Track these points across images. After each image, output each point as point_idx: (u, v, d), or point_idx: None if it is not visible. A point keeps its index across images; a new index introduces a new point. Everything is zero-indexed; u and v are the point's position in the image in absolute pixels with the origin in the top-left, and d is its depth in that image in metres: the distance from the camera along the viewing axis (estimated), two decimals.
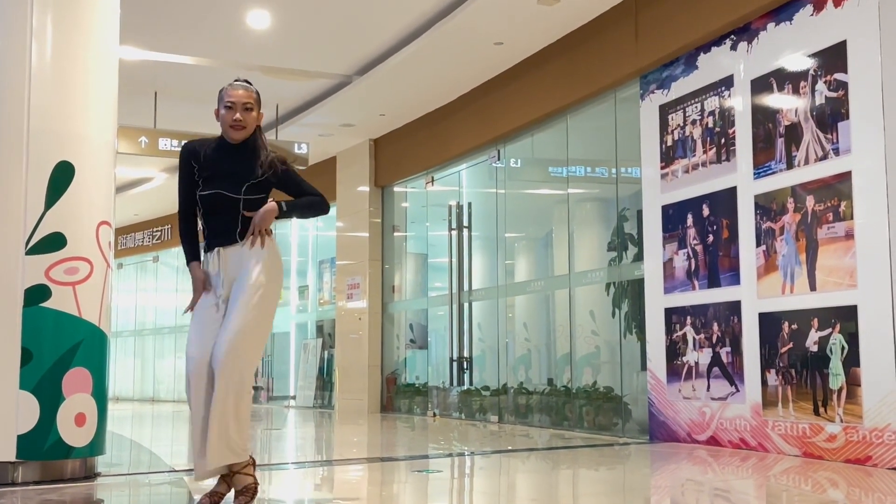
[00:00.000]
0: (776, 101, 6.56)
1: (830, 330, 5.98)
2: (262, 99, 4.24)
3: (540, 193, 11.22)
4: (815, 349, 6.10)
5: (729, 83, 7.02)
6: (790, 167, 6.38)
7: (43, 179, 4.91)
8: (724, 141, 7.03)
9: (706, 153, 7.20)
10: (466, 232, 11.30)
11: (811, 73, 6.25)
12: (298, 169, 4.46)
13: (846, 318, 5.86)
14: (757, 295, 6.61)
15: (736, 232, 6.84)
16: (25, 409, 4.76)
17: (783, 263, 6.40)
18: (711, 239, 7.10)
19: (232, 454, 3.98)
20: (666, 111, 7.67)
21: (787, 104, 6.45)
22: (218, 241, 4.15)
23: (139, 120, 10.94)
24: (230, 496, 4.12)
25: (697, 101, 7.32)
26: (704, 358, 7.11)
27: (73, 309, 4.91)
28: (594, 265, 9.30)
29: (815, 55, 6.23)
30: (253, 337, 4.01)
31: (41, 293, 4.84)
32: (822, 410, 6.02)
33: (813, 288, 6.14)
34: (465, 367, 11.06)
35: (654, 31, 7.77)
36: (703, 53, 7.31)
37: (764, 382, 6.52)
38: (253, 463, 4.16)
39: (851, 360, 5.81)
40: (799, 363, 6.23)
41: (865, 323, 5.72)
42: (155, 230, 19.33)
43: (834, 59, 6.05)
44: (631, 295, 8.52)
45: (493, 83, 10.21)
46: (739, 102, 6.89)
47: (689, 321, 7.29)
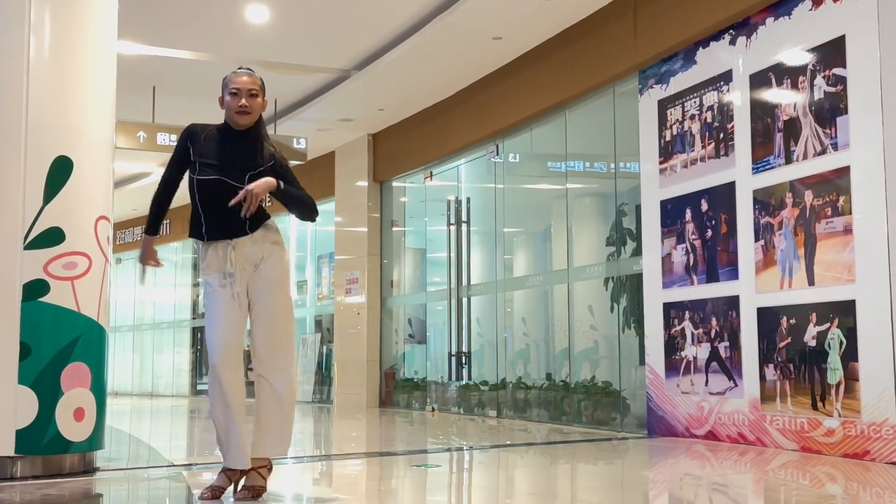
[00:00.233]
0: (775, 95, 6.55)
1: (829, 324, 5.98)
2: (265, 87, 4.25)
3: (539, 188, 11.22)
4: (813, 344, 6.10)
5: (728, 78, 7.02)
6: (789, 162, 6.38)
7: (41, 174, 4.90)
8: (722, 136, 7.03)
9: (705, 148, 7.20)
10: (465, 227, 11.29)
11: (810, 67, 6.24)
12: (297, 164, 4.46)
13: (844, 312, 5.86)
14: (755, 290, 6.62)
15: (734, 227, 6.84)
16: (24, 403, 4.76)
17: (782, 258, 6.40)
18: (710, 234, 7.10)
19: (284, 449, 4.19)
20: (664, 106, 7.66)
21: (785, 99, 6.45)
22: (225, 233, 4.11)
23: (137, 115, 10.93)
24: (229, 491, 4.13)
25: (696, 95, 7.32)
26: (703, 353, 7.12)
27: (71, 304, 4.91)
28: (593, 260, 9.30)
29: (813, 50, 6.23)
30: (280, 339, 4.20)
31: (40, 288, 4.84)
32: (820, 405, 6.02)
33: (811, 283, 6.14)
34: (463, 361, 11.06)
35: (652, 25, 7.76)
36: (701, 48, 7.30)
37: (762, 377, 6.52)
38: (269, 467, 4.18)
39: (850, 354, 5.81)
40: (797, 358, 6.23)
41: (864, 318, 5.72)
42: None
43: (833, 53, 6.05)
44: (629, 290, 8.53)
45: (491, 78, 10.21)
46: (738, 97, 6.89)
47: (687, 316, 7.30)
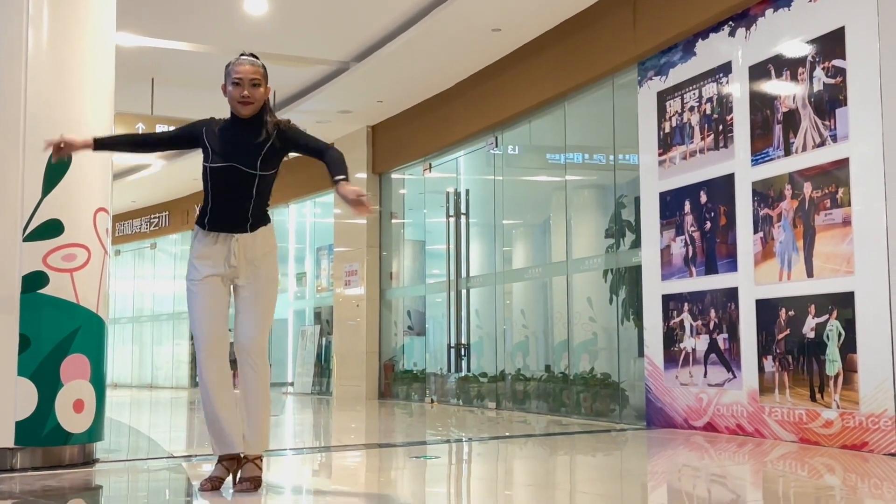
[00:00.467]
0: (774, 87, 6.55)
1: (827, 316, 5.99)
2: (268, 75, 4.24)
3: (538, 180, 11.21)
4: (811, 335, 6.11)
5: (727, 70, 7.01)
6: (788, 154, 6.37)
7: (40, 166, 4.89)
8: (721, 128, 7.02)
9: (704, 140, 7.19)
10: (464, 219, 11.29)
11: (809, 59, 6.24)
12: (295, 157, 4.46)
13: (843, 304, 5.87)
14: (754, 281, 6.62)
15: (733, 219, 6.84)
16: (24, 395, 4.77)
17: (780, 250, 6.40)
18: (709, 226, 7.10)
19: (266, 443, 4.21)
20: (664, 98, 7.66)
21: (785, 91, 6.44)
22: (226, 227, 4.15)
23: (136, 106, 10.90)
24: (228, 480, 4.14)
25: (695, 87, 7.31)
26: (701, 344, 7.12)
27: (70, 296, 4.91)
28: (592, 252, 9.30)
29: (813, 41, 6.22)
30: (267, 333, 4.26)
31: (39, 280, 4.84)
32: (818, 396, 6.03)
33: (810, 274, 6.15)
34: (462, 353, 11.07)
35: (652, 17, 7.74)
36: (701, 40, 7.29)
37: (761, 369, 6.53)
38: (261, 457, 4.22)
39: (848, 346, 5.82)
40: (796, 349, 6.24)
41: (862, 309, 5.73)
42: (152, 217, 19.31)
43: (832, 45, 6.04)
44: (628, 282, 8.53)
45: (490, 70, 10.19)
46: (737, 89, 6.89)
47: (686, 308, 7.30)
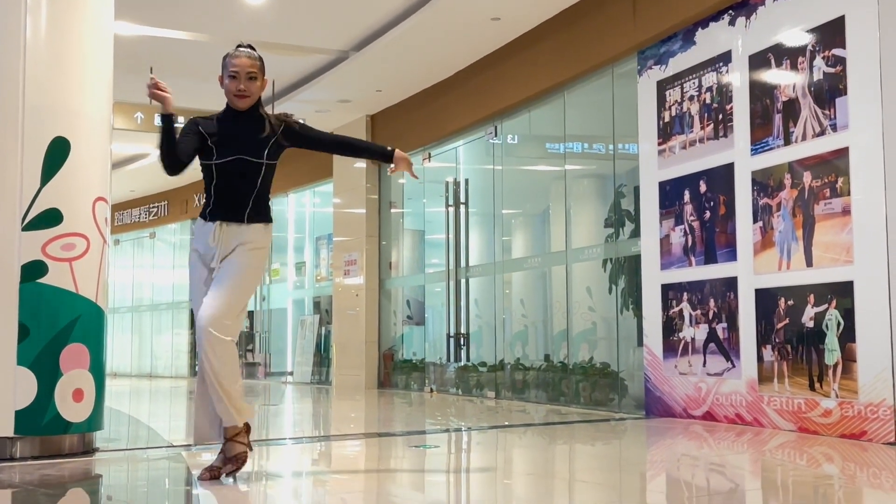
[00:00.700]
0: (774, 76, 6.54)
1: (826, 306, 5.99)
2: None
3: (537, 170, 11.20)
4: (811, 325, 6.11)
5: (727, 59, 6.99)
6: (788, 143, 6.37)
7: (38, 155, 4.89)
8: (721, 117, 7.01)
9: (703, 129, 7.18)
10: (463, 208, 11.28)
11: (809, 48, 6.22)
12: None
13: (842, 293, 5.87)
14: (753, 271, 6.62)
15: (733, 208, 6.84)
16: (23, 384, 4.77)
17: (780, 239, 6.40)
18: (708, 215, 7.10)
19: (234, 415, 4.06)
20: (663, 87, 7.64)
21: (784, 80, 6.43)
22: (224, 215, 4.12)
23: (135, 96, 10.81)
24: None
25: (695, 76, 7.30)
26: (701, 334, 7.13)
27: (69, 285, 4.91)
28: (591, 241, 9.30)
29: (813, 30, 6.20)
30: (235, 310, 4.07)
31: (38, 269, 4.83)
32: (817, 386, 6.04)
33: (809, 264, 6.15)
34: (462, 343, 11.08)
35: (651, 6, 7.72)
36: (701, 29, 7.28)
37: (760, 358, 6.54)
38: (247, 430, 4.16)
39: (847, 335, 5.82)
40: (795, 339, 6.25)
41: (861, 299, 5.73)
42: (151, 206, 19.30)
43: (832, 34, 6.03)
44: (628, 271, 8.53)
45: (490, 59, 10.17)
46: (737, 78, 6.87)
47: (685, 297, 7.31)
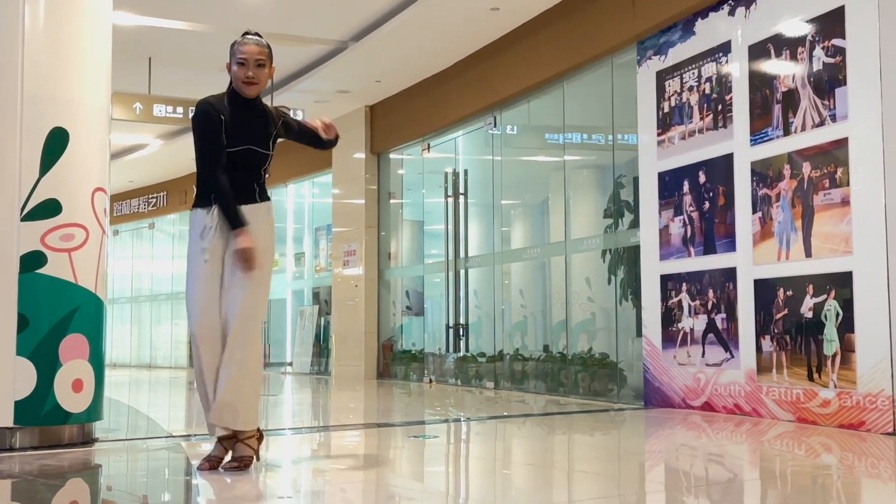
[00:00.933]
0: (774, 67, 6.53)
1: (825, 296, 6.00)
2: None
3: (536, 160, 11.20)
4: (809, 315, 6.12)
5: (726, 49, 6.98)
6: (787, 134, 6.36)
7: (37, 146, 4.88)
8: (720, 107, 7.00)
9: (703, 120, 7.18)
10: (462, 199, 11.28)
11: (809, 38, 6.21)
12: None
13: (841, 284, 5.87)
14: (752, 261, 6.62)
15: (732, 199, 6.83)
16: (22, 375, 4.77)
17: (779, 230, 6.40)
18: (707, 206, 7.10)
19: (247, 420, 4.04)
20: (663, 77, 7.63)
21: (784, 70, 6.42)
22: (240, 201, 4.09)
23: (133, 86, 10.87)
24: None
25: (695, 67, 7.29)
26: (699, 324, 7.13)
27: (68, 275, 4.91)
28: (590, 232, 9.30)
29: (813, 21, 6.19)
30: (260, 307, 4.11)
31: (37, 260, 4.83)
32: (816, 376, 6.05)
33: (808, 254, 6.15)
34: (461, 333, 11.09)
35: None
36: (700, 19, 7.26)
37: (758, 348, 6.54)
38: (259, 437, 4.17)
39: (846, 326, 5.83)
40: (793, 329, 6.25)
41: (860, 289, 5.73)
42: (150, 197, 19.28)
43: (832, 24, 6.02)
44: (627, 262, 8.53)
45: (489, 49, 10.15)
46: (737, 69, 6.86)
47: (684, 288, 7.31)
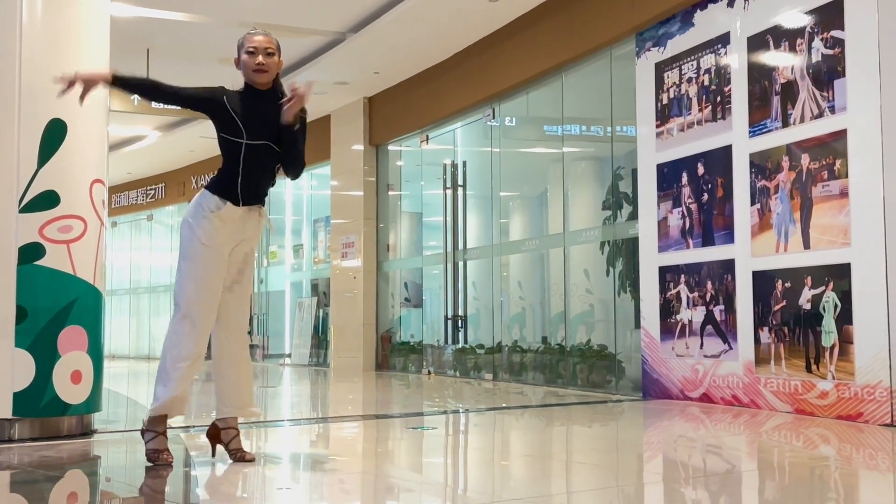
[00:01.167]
0: (772, 58, 6.52)
1: (823, 288, 6.00)
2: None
3: (535, 152, 11.19)
4: (808, 307, 6.12)
5: (725, 41, 6.97)
6: (786, 125, 6.36)
7: (35, 137, 4.87)
8: (719, 99, 7.00)
9: (702, 111, 7.17)
10: (461, 191, 11.28)
11: (808, 30, 6.20)
12: None
13: (839, 276, 5.88)
14: (751, 253, 6.63)
15: (730, 190, 6.83)
16: (21, 366, 4.77)
17: (777, 222, 6.40)
18: (706, 197, 7.10)
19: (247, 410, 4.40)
20: (662, 69, 7.62)
21: (783, 62, 6.41)
22: (252, 199, 4.09)
23: None
24: (226, 456, 4.16)
25: (693, 58, 7.28)
26: (698, 316, 7.14)
27: (67, 267, 4.90)
28: (589, 224, 9.30)
29: (811, 12, 6.18)
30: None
31: (35, 251, 4.83)
32: (814, 368, 6.06)
33: (807, 246, 6.15)
34: (459, 325, 11.09)
35: None
36: (699, 10, 7.25)
37: (757, 340, 6.55)
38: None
39: (844, 317, 5.83)
40: (792, 321, 6.26)
41: (858, 281, 5.74)
42: (149, 189, 19.27)
43: (831, 16, 6.01)
44: (625, 253, 8.53)
45: (488, 41, 10.14)
46: (735, 60, 6.85)
47: (683, 279, 7.31)
